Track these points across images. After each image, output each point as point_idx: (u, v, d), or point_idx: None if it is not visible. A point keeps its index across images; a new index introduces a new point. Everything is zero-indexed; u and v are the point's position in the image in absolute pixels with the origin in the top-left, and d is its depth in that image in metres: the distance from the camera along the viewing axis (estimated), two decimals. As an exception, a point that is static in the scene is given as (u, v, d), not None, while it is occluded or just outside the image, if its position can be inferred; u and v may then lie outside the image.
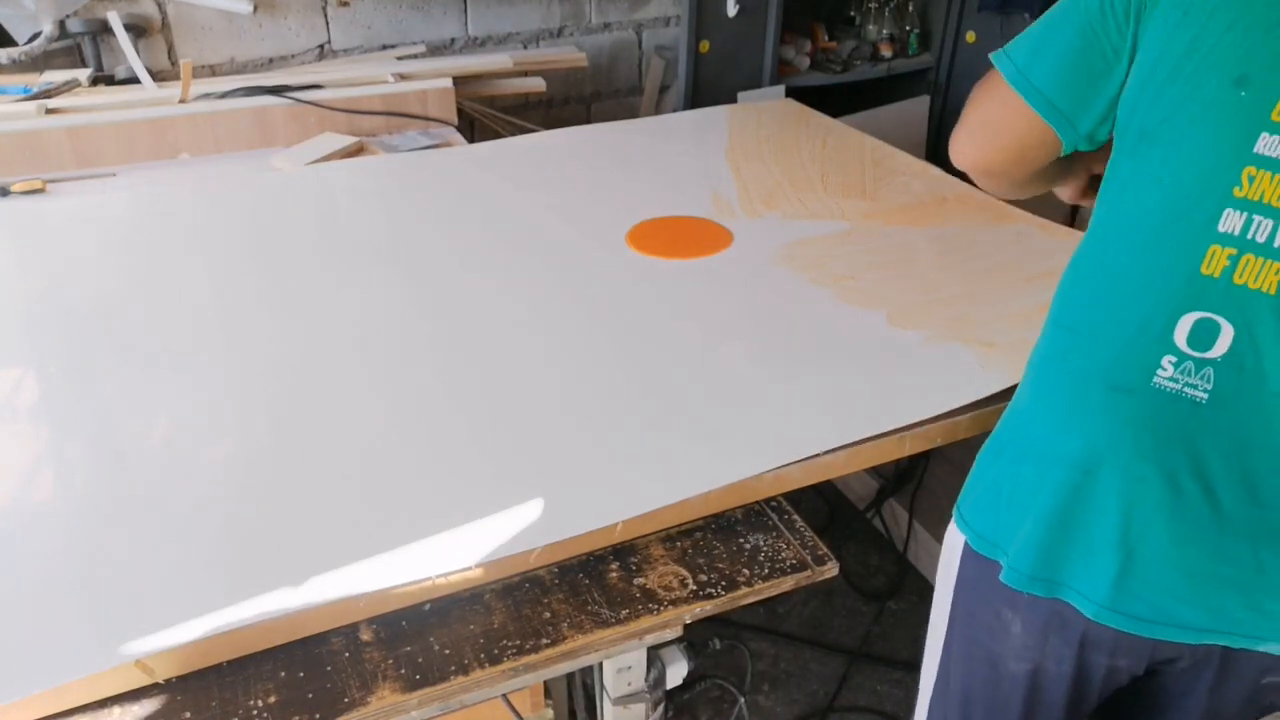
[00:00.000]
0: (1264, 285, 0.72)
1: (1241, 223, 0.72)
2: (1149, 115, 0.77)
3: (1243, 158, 0.71)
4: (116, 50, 1.91)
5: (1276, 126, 0.70)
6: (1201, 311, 0.74)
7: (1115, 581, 0.79)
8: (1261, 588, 0.77)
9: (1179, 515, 0.77)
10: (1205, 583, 0.77)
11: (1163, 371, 0.75)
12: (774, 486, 1.02)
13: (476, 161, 1.77)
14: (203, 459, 1.00)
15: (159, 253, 1.43)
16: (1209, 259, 0.73)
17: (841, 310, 1.27)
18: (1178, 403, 0.75)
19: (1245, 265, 0.72)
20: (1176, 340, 0.75)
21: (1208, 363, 0.74)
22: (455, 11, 2.27)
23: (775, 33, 2.29)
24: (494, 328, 1.24)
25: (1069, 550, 0.81)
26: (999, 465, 0.89)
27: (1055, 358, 0.85)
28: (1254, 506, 0.75)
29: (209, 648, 0.82)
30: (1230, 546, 0.76)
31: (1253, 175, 0.71)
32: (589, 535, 0.93)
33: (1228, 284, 0.73)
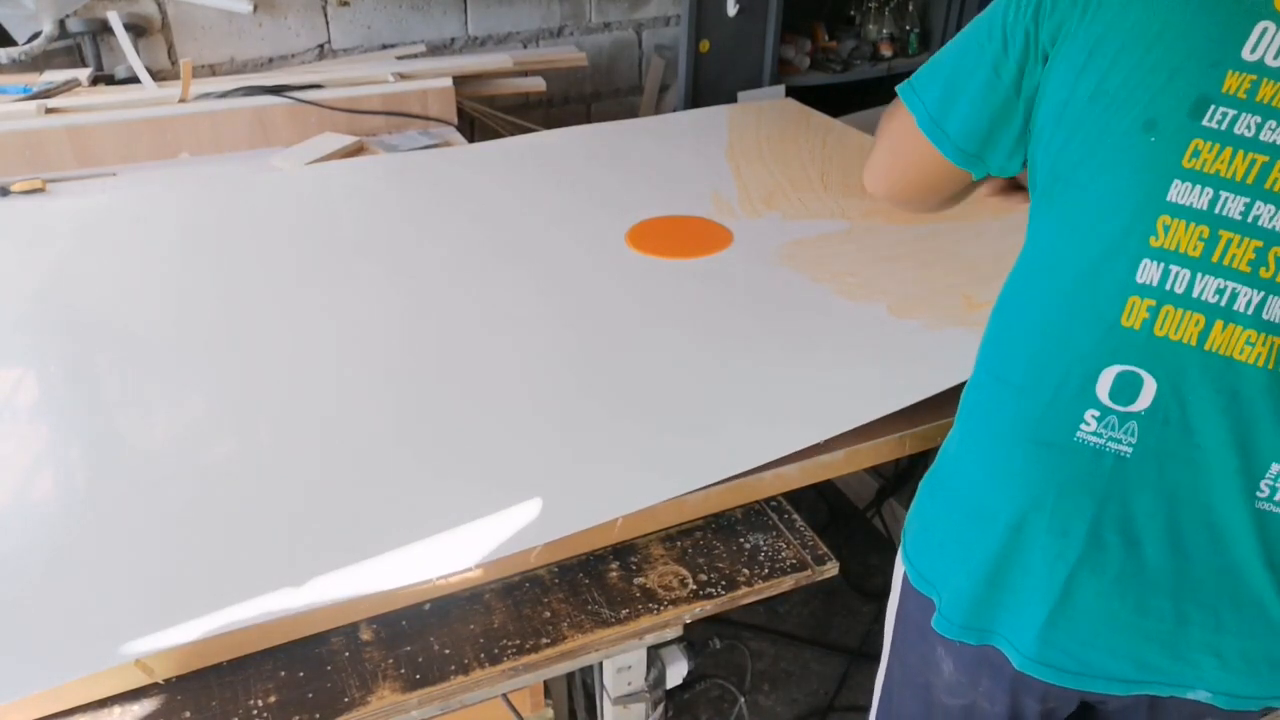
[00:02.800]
0: (1185, 336, 0.70)
1: (1159, 273, 0.70)
2: (1060, 158, 0.75)
3: (1157, 206, 0.69)
4: (116, 50, 1.91)
5: (1188, 174, 0.69)
6: (1123, 365, 0.72)
7: (1041, 634, 0.78)
8: (1185, 640, 0.76)
9: (1102, 569, 0.76)
10: (1130, 635, 0.77)
11: (1086, 426, 0.74)
12: (774, 486, 1.02)
13: (476, 161, 1.77)
14: (203, 459, 1.00)
15: (159, 252, 1.43)
16: (1129, 311, 0.71)
17: (842, 304, 1.27)
18: (1101, 457, 0.74)
19: (1165, 316, 0.70)
20: (1099, 394, 0.73)
21: (1131, 416, 0.73)
22: (455, 11, 2.27)
23: (775, 32, 2.29)
24: (494, 326, 1.24)
25: (998, 602, 0.81)
26: (934, 506, 0.88)
27: (984, 408, 0.83)
28: (1177, 558, 0.75)
29: (209, 648, 0.82)
30: (1153, 600, 0.76)
31: (1168, 224, 0.69)
32: (589, 534, 0.93)
33: (1148, 336, 0.71)
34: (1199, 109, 0.68)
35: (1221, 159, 0.68)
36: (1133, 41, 0.70)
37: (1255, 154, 0.67)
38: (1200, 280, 0.70)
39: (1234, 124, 0.68)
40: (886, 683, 0.99)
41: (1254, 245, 0.68)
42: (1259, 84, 0.67)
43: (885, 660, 0.99)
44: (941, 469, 0.89)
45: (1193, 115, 0.68)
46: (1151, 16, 0.70)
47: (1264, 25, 0.67)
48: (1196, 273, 0.69)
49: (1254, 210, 0.68)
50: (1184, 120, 0.69)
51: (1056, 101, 0.75)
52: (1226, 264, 0.69)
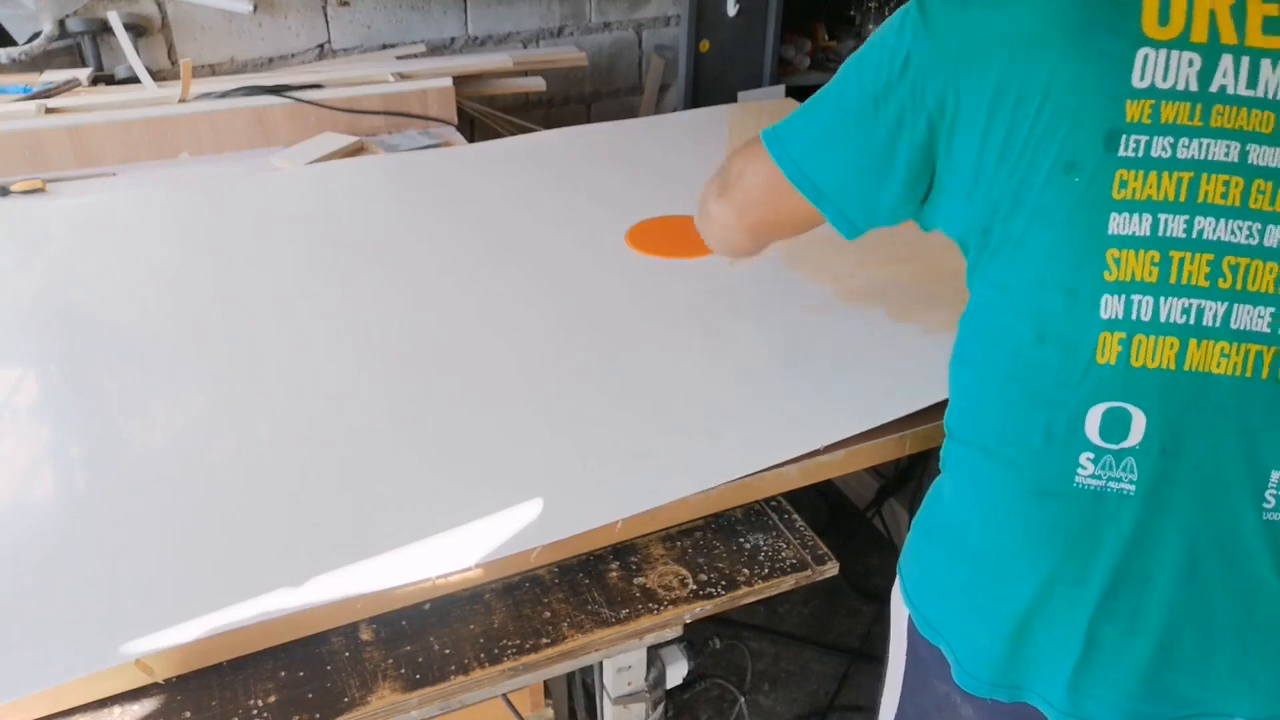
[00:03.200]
0: (1162, 362, 0.70)
1: (1122, 306, 0.70)
2: (989, 214, 0.75)
3: (1101, 242, 0.70)
4: (116, 50, 1.91)
5: (1122, 205, 0.69)
6: (1108, 402, 0.71)
7: (1071, 684, 0.77)
8: (1213, 667, 0.75)
9: (1122, 611, 0.75)
10: (1158, 671, 0.75)
11: (1083, 470, 0.73)
12: (774, 486, 1.02)
13: (476, 161, 1.77)
14: (203, 458, 1.00)
15: (159, 252, 1.43)
16: (1101, 348, 0.71)
17: (841, 306, 1.27)
18: (1104, 500, 0.73)
19: (1139, 346, 0.70)
20: (1089, 435, 0.72)
21: (1127, 453, 0.71)
22: (455, 11, 2.27)
23: (775, 32, 2.28)
24: (493, 326, 1.24)
25: (1025, 657, 0.79)
26: (934, 553, 0.86)
27: (970, 465, 0.82)
28: (1195, 586, 0.73)
29: (209, 647, 0.82)
30: (1178, 632, 0.74)
31: (1117, 257, 0.69)
32: (589, 534, 0.93)
33: (1126, 369, 0.70)
34: (1112, 141, 0.69)
35: (1149, 184, 0.69)
36: (1028, 93, 0.71)
37: (1179, 172, 0.68)
38: (1164, 304, 0.70)
39: (1149, 149, 0.69)
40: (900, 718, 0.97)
41: (1206, 259, 0.69)
42: (1158, 107, 0.68)
43: (897, 698, 0.96)
44: (936, 515, 0.87)
45: (1108, 148, 0.69)
46: (1038, 65, 0.71)
47: (1144, 52, 0.68)
48: (1159, 297, 0.70)
49: (1196, 225, 0.69)
50: (1101, 155, 0.69)
51: (966, 164, 0.75)
52: (1185, 283, 0.69)
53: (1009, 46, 0.72)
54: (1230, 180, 0.68)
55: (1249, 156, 0.68)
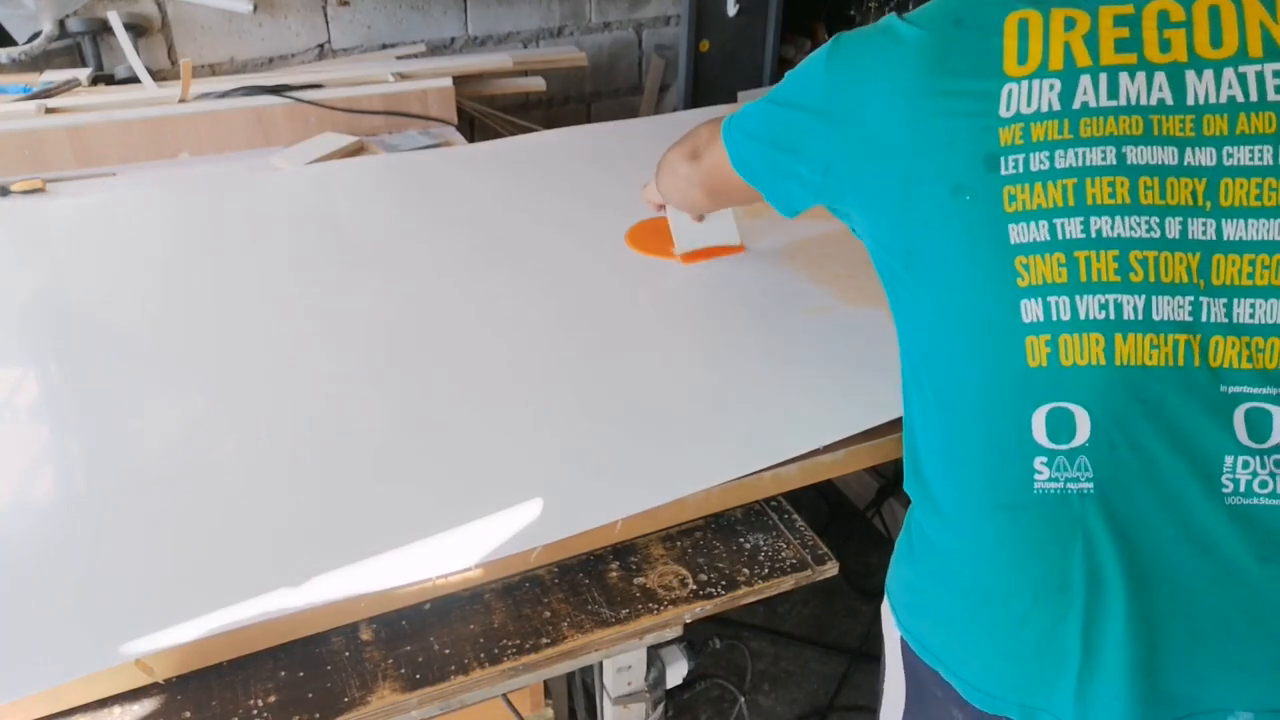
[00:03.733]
0: (1091, 359, 0.71)
1: (1040, 308, 0.71)
2: (905, 238, 0.79)
3: (1005, 252, 0.72)
4: (116, 50, 1.91)
5: (1017, 215, 0.72)
6: (1048, 403, 0.72)
7: (1077, 695, 0.76)
8: (1208, 663, 0.74)
9: (1110, 613, 0.74)
10: (1154, 674, 0.75)
11: (1039, 475, 0.73)
12: (774, 486, 1.02)
13: (476, 161, 1.77)
14: (203, 458, 1.00)
15: (159, 252, 1.43)
16: (1031, 351, 0.72)
17: (841, 306, 1.27)
18: (1067, 502, 0.73)
19: (1065, 346, 0.71)
20: (1038, 439, 0.73)
21: (1078, 451, 0.72)
22: (455, 11, 2.27)
23: (776, 32, 2.29)
24: (493, 325, 1.24)
25: (1028, 674, 0.79)
26: (918, 579, 0.86)
27: (935, 487, 0.83)
28: (1174, 578, 0.73)
29: (209, 647, 0.82)
30: (1166, 631, 0.74)
31: (1025, 263, 0.71)
32: (589, 534, 0.93)
33: (1058, 369, 0.71)
34: (991, 164, 0.73)
35: (1037, 194, 0.72)
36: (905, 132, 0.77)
37: (1062, 180, 0.71)
38: (1081, 302, 0.71)
39: (1028, 164, 0.72)
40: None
41: (1111, 255, 0.70)
42: (1028, 128, 0.72)
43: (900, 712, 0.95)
44: (914, 538, 0.87)
45: (989, 170, 0.73)
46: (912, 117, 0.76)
47: (1008, 87, 0.73)
48: (1074, 296, 0.71)
49: (1092, 225, 0.71)
50: (985, 176, 0.73)
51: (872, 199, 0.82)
52: (1096, 280, 0.71)
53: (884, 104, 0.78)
54: (1115, 180, 0.71)
55: (1126, 158, 0.71)
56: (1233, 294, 0.70)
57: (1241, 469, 0.71)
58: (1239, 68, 0.71)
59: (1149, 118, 0.71)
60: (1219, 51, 0.71)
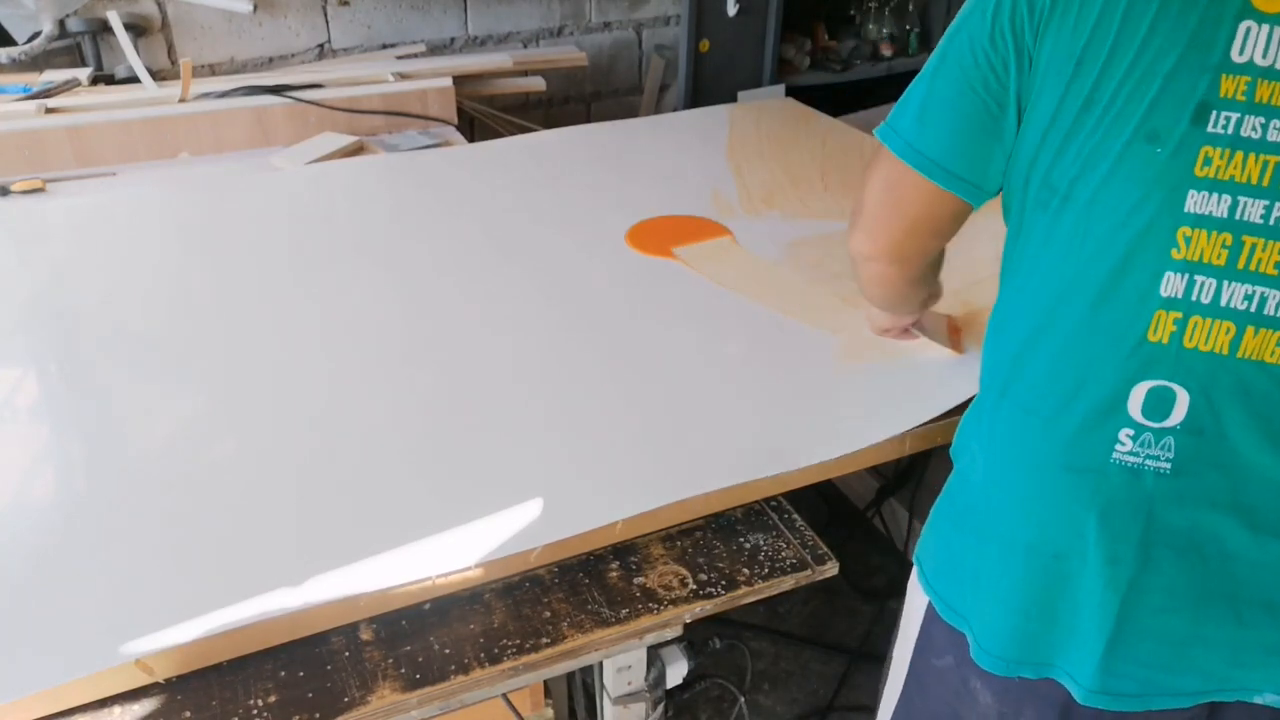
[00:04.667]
0: (1215, 346, 0.69)
1: (1184, 285, 0.69)
2: (1055, 171, 0.73)
3: (1176, 218, 0.68)
4: (116, 49, 1.91)
5: (1203, 183, 0.67)
6: (1154, 380, 0.71)
7: (1102, 664, 0.77)
8: (1245, 643, 0.75)
9: (1155, 588, 0.75)
10: (1190, 648, 0.76)
11: (1121, 446, 0.73)
12: (774, 486, 1.02)
13: (476, 161, 1.77)
14: (203, 458, 1.00)
15: (159, 252, 1.43)
16: (1155, 325, 0.70)
17: (842, 307, 1.27)
18: (1140, 476, 0.73)
19: (1194, 328, 0.69)
20: (1131, 412, 0.72)
21: (1167, 432, 0.71)
22: (455, 11, 2.27)
23: (775, 32, 2.28)
24: (493, 325, 1.24)
25: (1052, 633, 0.79)
26: (962, 538, 0.86)
27: (1008, 437, 0.81)
28: (1226, 563, 0.74)
29: (209, 647, 0.82)
30: (1209, 608, 0.75)
31: (1188, 235, 0.68)
32: (589, 534, 0.93)
33: (1178, 349, 0.70)
34: (1201, 116, 0.67)
35: (1234, 164, 0.67)
36: (1120, 49, 0.69)
37: (1267, 155, 0.66)
38: (1227, 288, 0.69)
39: (1240, 127, 0.66)
40: (904, 711, 0.97)
41: (1277, 247, 0.68)
42: (1255, 85, 0.66)
43: (900, 686, 0.96)
44: (965, 497, 0.86)
45: (1196, 122, 0.67)
46: (1137, 23, 0.68)
47: (1247, 25, 0.65)
48: (1223, 281, 0.68)
49: (1275, 212, 0.67)
50: (1188, 128, 0.67)
51: (1044, 113, 0.73)
52: (1253, 269, 0.68)
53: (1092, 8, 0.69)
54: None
55: None
56: None
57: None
58: None
59: None
60: None
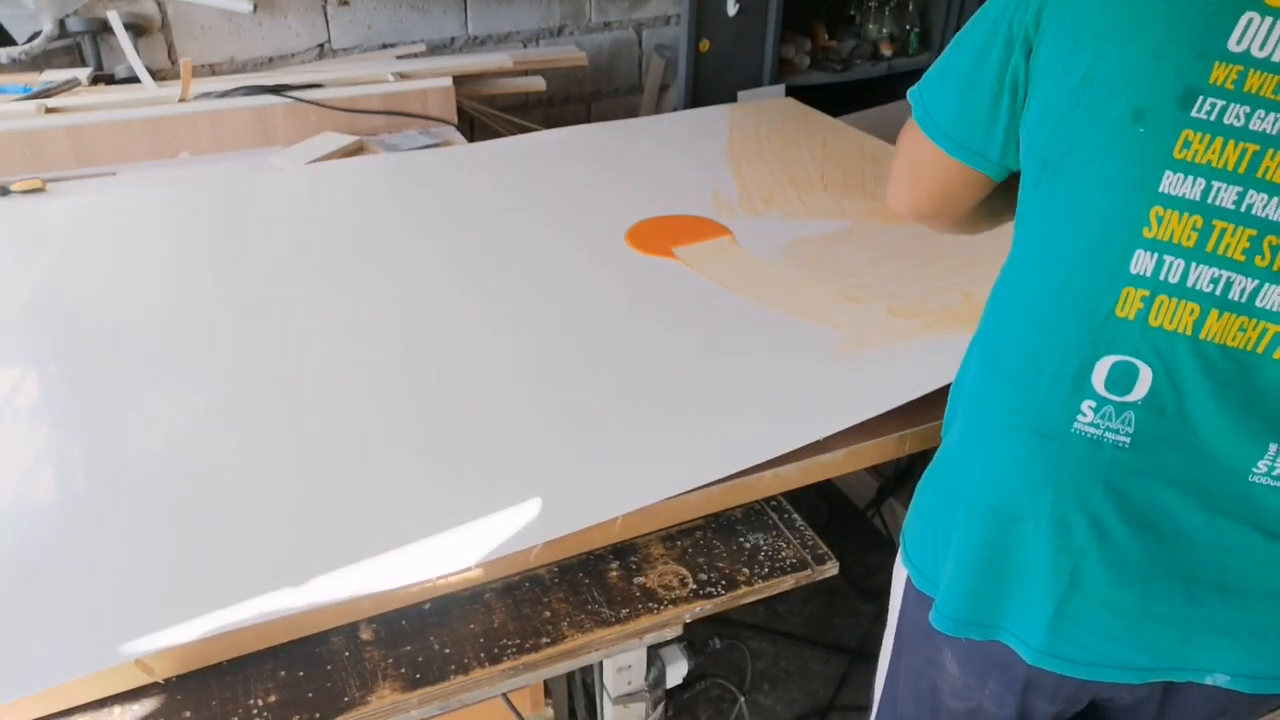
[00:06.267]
0: (1180, 326, 0.71)
1: (1153, 264, 0.70)
2: (1050, 145, 0.74)
3: (1150, 197, 0.70)
4: (116, 49, 1.91)
5: (1179, 164, 0.69)
6: (1118, 355, 0.72)
7: (1050, 626, 0.78)
8: (1196, 622, 0.76)
9: (1106, 558, 0.76)
10: (1140, 622, 0.77)
11: (1083, 417, 0.74)
12: (774, 485, 1.02)
13: (476, 161, 1.77)
14: (203, 458, 1.00)
15: (158, 252, 1.43)
16: (1123, 301, 0.72)
17: (841, 303, 1.27)
18: (1099, 447, 0.74)
19: (1160, 306, 0.71)
20: (1095, 385, 0.73)
21: (1128, 406, 0.73)
22: (455, 10, 2.27)
23: (775, 32, 2.29)
24: (492, 325, 1.24)
25: (1002, 595, 0.81)
26: (934, 503, 0.88)
27: (981, 400, 0.83)
28: (1181, 541, 0.75)
29: (209, 647, 0.82)
30: (1161, 585, 0.76)
31: (1160, 215, 0.69)
32: (589, 533, 0.93)
33: (1143, 326, 0.71)
34: (1187, 100, 0.68)
35: (1213, 149, 0.68)
36: (1119, 27, 0.70)
37: (1246, 143, 0.67)
38: (1195, 270, 0.70)
39: (1223, 114, 0.67)
40: (889, 686, 0.98)
41: (1248, 234, 0.69)
42: (1245, 74, 0.67)
43: (887, 663, 0.98)
44: (940, 464, 0.89)
45: (1181, 106, 0.68)
46: (1137, 2, 0.69)
47: (1249, 16, 0.66)
48: (1191, 262, 0.70)
49: (1247, 199, 0.68)
50: (1173, 110, 0.68)
51: (1045, 87, 0.74)
52: (1221, 253, 0.69)
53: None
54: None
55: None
56: None
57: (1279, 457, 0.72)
58: None
59: None
60: None
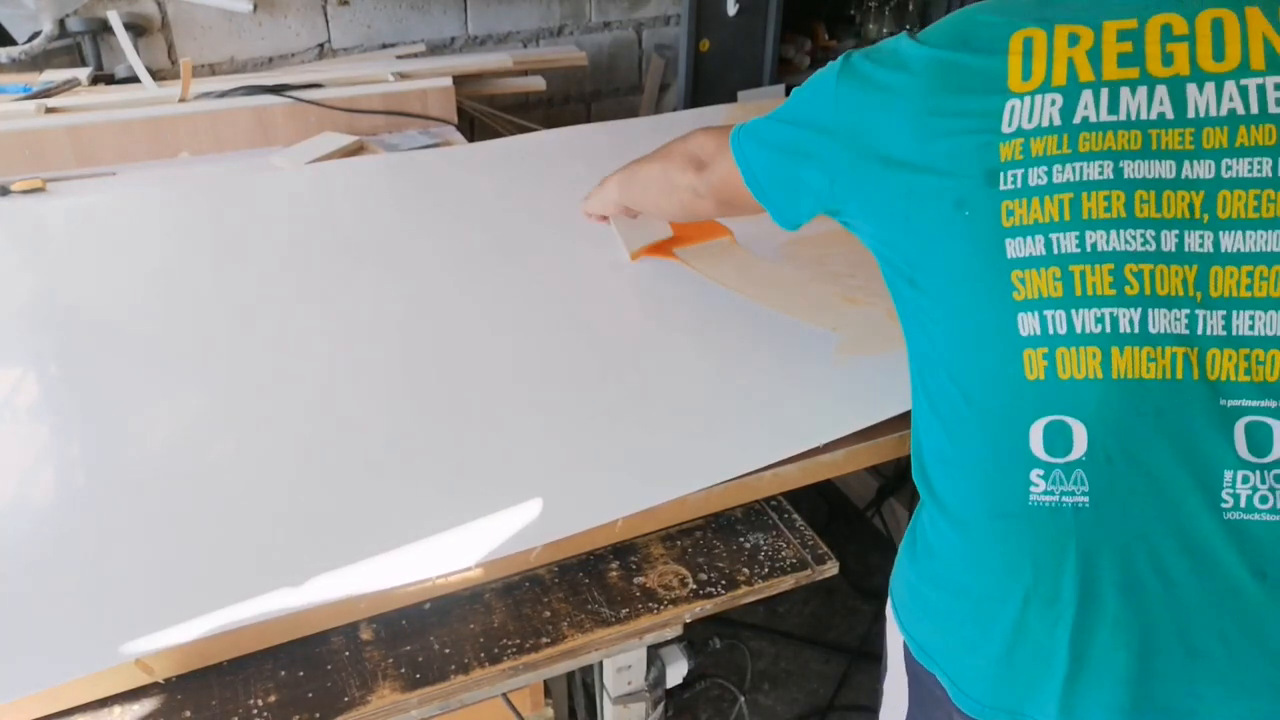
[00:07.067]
0: (1089, 373, 0.71)
1: (1037, 322, 0.72)
2: (907, 256, 0.80)
3: (1003, 266, 0.73)
4: (116, 49, 1.91)
5: (1014, 230, 0.73)
6: (1046, 416, 0.73)
7: (1062, 704, 0.77)
8: (1198, 674, 0.74)
9: (1099, 623, 0.75)
10: (1145, 684, 0.75)
11: (1035, 487, 0.74)
12: (774, 485, 1.02)
13: (476, 161, 1.77)
14: (202, 457, 1.00)
15: (158, 252, 1.43)
16: (1028, 364, 0.72)
17: (842, 307, 1.27)
18: (1060, 514, 0.74)
19: (1062, 359, 0.71)
20: (1035, 452, 0.73)
21: (1074, 464, 0.73)
22: (455, 10, 2.27)
23: (775, 31, 2.29)
24: (492, 325, 1.24)
25: (1015, 681, 0.79)
26: (919, 580, 0.87)
27: (939, 487, 0.83)
28: (1169, 591, 0.73)
29: (209, 647, 0.82)
30: (1159, 640, 0.74)
31: (1021, 277, 0.72)
32: (589, 534, 0.93)
33: (1055, 382, 0.72)
34: (992, 179, 0.74)
35: (1034, 209, 0.73)
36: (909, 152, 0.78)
37: (1059, 194, 0.72)
38: (1077, 315, 0.71)
39: (1026, 179, 0.73)
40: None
41: (1106, 269, 0.71)
42: (1028, 143, 0.73)
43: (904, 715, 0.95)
44: (919, 539, 0.88)
45: (989, 185, 0.74)
46: (911, 131, 0.78)
47: (1011, 103, 0.74)
48: (1070, 310, 0.71)
49: (1088, 239, 0.71)
50: (985, 191, 0.74)
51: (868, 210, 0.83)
52: (1092, 294, 0.71)
53: (892, 123, 0.79)
54: (1111, 195, 0.71)
55: (1124, 172, 0.71)
56: (1231, 306, 0.70)
57: (1241, 484, 0.70)
58: (1240, 80, 0.70)
59: (1148, 132, 0.71)
60: (1221, 65, 0.71)
